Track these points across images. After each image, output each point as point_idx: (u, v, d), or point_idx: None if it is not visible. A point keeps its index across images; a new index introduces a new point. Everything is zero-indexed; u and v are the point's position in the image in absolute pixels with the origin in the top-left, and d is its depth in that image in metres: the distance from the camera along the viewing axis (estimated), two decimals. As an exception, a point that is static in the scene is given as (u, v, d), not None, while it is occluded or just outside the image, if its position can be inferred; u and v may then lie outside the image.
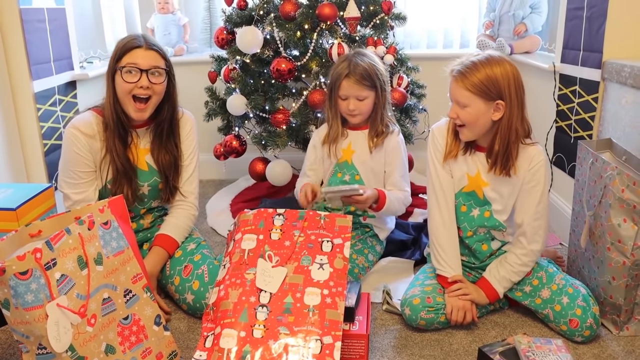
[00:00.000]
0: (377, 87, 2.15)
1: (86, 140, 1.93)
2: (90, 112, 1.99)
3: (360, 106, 2.15)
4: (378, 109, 2.20)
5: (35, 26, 2.43)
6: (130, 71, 1.89)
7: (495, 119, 1.80)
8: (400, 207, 2.23)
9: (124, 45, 1.91)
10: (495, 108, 1.78)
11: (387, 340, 1.84)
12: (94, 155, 1.96)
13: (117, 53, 1.91)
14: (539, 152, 1.86)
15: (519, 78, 1.78)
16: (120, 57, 1.90)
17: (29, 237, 1.48)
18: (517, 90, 1.77)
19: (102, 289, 1.47)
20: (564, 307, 1.80)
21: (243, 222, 1.79)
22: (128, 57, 1.89)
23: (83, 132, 1.93)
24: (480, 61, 1.77)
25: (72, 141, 1.93)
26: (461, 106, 1.80)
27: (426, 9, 3.47)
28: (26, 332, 1.35)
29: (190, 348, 1.80)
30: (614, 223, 1.77)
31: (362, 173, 2.24)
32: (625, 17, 2.14)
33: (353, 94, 2.14)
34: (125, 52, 1.90)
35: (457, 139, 1.92)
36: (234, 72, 2.76)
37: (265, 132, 2.78)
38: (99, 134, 1.96)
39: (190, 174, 2.12)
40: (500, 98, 1.76)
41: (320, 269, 1.67)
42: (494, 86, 1.75)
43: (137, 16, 3.59)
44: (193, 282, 1.94)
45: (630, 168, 1.82)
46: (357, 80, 2.11)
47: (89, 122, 1.95)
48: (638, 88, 1.97)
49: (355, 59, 2.15)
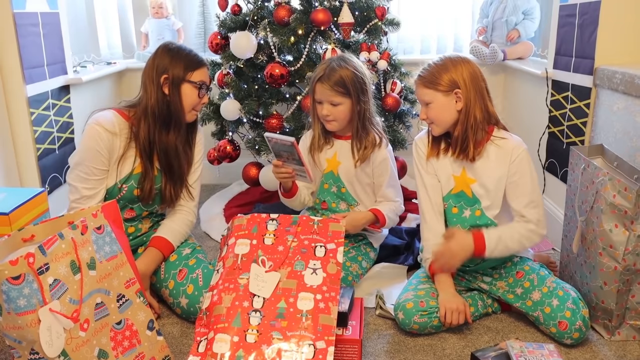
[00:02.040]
0: (351, 95, 2.11)
1: (108, 137, 1.95)
2: (111, 111, 2.02)
3: (334, 112, 2.13)
4: (358, 118, 2.16)
5: (29, 30, 2.42)
6: (201, 88, 2.04)
7: (459, 109, 1.89)
8: (396, 219, 2.29)
9: (195, 60, 2.03)
10: (457, 99, 1.88)
11: (380, 345, 1.84)
12: (111, 155, 1.98)
13: (189, 65, 2.01)
14: (518, 144, 1.93)
15: (472, 67, 1.91)
16: (192, 70, 2.01)
17: (22, 241, 1.48)
18: (472, 79, 1.89)
19: (95, 294, 1.47)
20: (553, 309, 1.81)
21: (236, 227, 1.79)
22: (200, 74, 2.04)
23: (107, 129, 1.95)
24: (436, 62, 1.94)
25: (94, 138, 1.94)
26: (426, 105, 1.92)
27: (420, 14, 3.48)
28: (18, 337, 1.34)
29: (183, 353, 1.80)
30: (605, 228, 1.78)
31: (348, 185, 2.25)
32: (617, 24, 2.16)
33: (326, 99, 2.12)
34: (197, 67, 2.03)
35: (436, 140, 2.02)
36: (228, 77, 2.77)
37: (258, 137, 2.78)
38: (121, 134, 1.99)
39: (195, 179, 2.18)
40: (456, 87, 1.87)
41: (313, 274, 1.67)
42: (448, 77, 1.88)
43: (131, 21, 3.58)
44: (187, 286, 1.95)
45: (622, 174, 1.83)
46: (329, 86, 2.09)
47: (111, 121, 1.97)
48: (629, 94, 1.99)
49: (333, 63, 2.12)
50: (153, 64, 2.01)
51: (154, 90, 1.99)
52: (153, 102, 1.99)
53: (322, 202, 2.29)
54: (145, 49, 3.50)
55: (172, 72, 1.99)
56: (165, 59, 2.00)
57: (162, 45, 2.06)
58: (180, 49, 2.04)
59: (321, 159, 2.25)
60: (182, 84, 2.00)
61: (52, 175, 2.60)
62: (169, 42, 2.07)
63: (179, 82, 2.00)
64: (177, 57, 2.00)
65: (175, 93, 2.00)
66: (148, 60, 2.04)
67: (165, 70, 1.99)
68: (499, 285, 1.98)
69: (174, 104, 2.00)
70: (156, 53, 2.03)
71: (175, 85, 1.99)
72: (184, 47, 2.06)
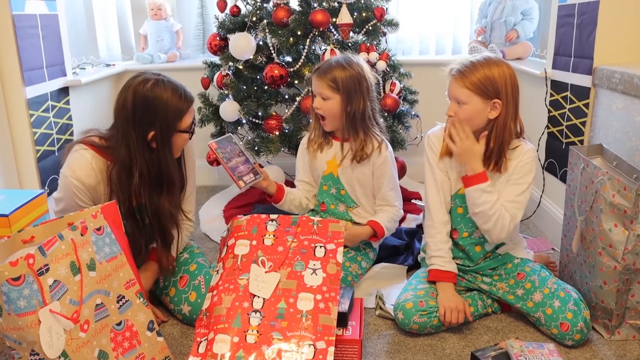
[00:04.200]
0: (341, 92, 2.08)
1: (89, 191, 1.80)
2: (87, 151, 1.79)
3: (323, 106, 2.12)
4: (347, 118, 2.13)
5: (28, 32, 2.42)
6: (192, 129, 1.86)
7: (491, 118, 1.85)
8: (394, 227, 2.28)
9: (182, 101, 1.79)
10: (492, 107, 1.84)
11: (380, 346, 1.84)
12: (96, 201, 1.82)
13: (177, 113, 1.78)
14: (529, 149, 1.92)
15: (515, 79, 1.85)
16: (182, 116, 1.79)
17: (22, 243, 1.48)
18: (513, 91, 1.84)
19: (95, 295, 1.47)
20: (555, 311, 1.81)
21: (236, 227, 1.79)
22: (189, 116, 1.82)
23: (85, 184, 1.78)
24: (479, 61, 1.85)
25: (74, 193, 1.78)
26: (460, 104, 1.86)
27: (418, 15, 3.48)
28: (19, 338, 1.34)
29: (183, 354, 1.79)
30: (605, 228, 1.78)
31: (347, 187, 2.24)
32: (616, 23, 2.16)
33: (317, 91, 2.13)
34: (187, 110, 1.81)
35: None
36: (227, 79, 2.77)
37: (258, 138, 2.78)
38: (102, 181, 1.80)
39: (190, 192, 2.06)
40: (497, 97, 1.82)
41: (313, 274, 1.67)
42: (492, 85, 1.82)
43: (130, 22, 3.59)
44: (190, 293, 1.92)
45: (621, 173, 1.83)
46: (320, 77, 2.10)
47: (90, 168, 1.78)
48: (628, 94, 1.99)
49: (334, 59, 2.15)
50: (133, 113, 1.73)
51: (139, 147, 1.74)
52: (140, 162, 1.75)
53: (321, 204, 2.28)
54: (144, 51, 3.50)
55: (160, 127, 1.74)
56: (149, 109, 1.73)
57: (139, 85, 1.74)
58: (163, 90, 1.75)
59: (321, 160, 2.25)
60: (173, 136, 1.79)
61: (52, 177, 2.60)
62: (145, 79, 1.75)
63: (170, 136, 1.78)
64: (162, 105, 1.74)
65: (166, 149, 1.78)
66: (124, 103, 1.75)
67: (151, 124, 1.74)
68: (499, 286, 1.98)
69: (165, 162, 1.79)
70: (134, 97, 1.73)
71: (165, 140, 1.77)
72: (165, 85, 1.76)
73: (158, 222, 1.88)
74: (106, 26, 3.51)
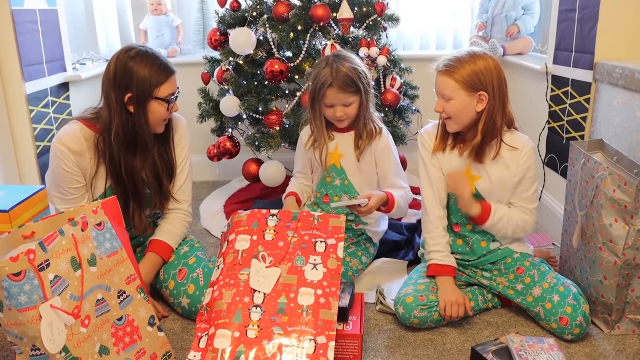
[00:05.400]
0: (361, 90, 2.11)
1: (74, 157, 1.86)
2: (76, 123, 1.89)
3: (347, 111, 2.13)
4: (361, 111, 2.16)
5: (27, 27, 2.42)
6: (170, 101, 1.90)
7: (478, 110, 1.86)
8: (405, 207, 2.23)
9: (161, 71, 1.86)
10: (478, 100, 1.85)
11: (381, 340, 1.85)
12: (83, 172, 1.90)
13: (155, 80, 1.84)
14: (525, 143, 1.94)
15: (500, 71, 1.86)
16: (159, 84, 1.86)
17: (22, 238, 1.48)
18: (499, 83, 1.85)
19: (96, 290, 1.47)
20: (554, 305, 1.81)
21: (237, 222, 1.79)
22: (168, 87, 1.88)
23: (70, 149, 1.85)
24: (464, 56, 1.86)
25: (59, 157, 1.86)
26: (446, 99, 1.88)
27: (419, 10, 3.48)
28: (20, 334, 1.35)
29: (184, 349, 1.80)
30: (605, 223, 1.78)
31: (351, 177, 2.24)
32: (617, 18, 2.16)
33: (339, 102, 2.11)
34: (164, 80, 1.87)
35: (445, 134, 1.99)
36: (227, 74, 2.77)
37: (258, 133, 2.78)
38: (88, 150, 1.89)
39: (184, 181, 2.08)
40: (483, 89, 1.83)
41: (313, 269, 1.67)
42: (478, 78, 1.83)
43: (130, 17, 3.58)
44: (188, 285, 1.93)
45: (622, 168, 1.83)
46: (341, 88, 2.07)
47: (76, 137, 1.86)
48: (629, 89, 1.99)
49: (336, 64, 2.09)
50: (114, 77, 1.83)
51: (117, 108, 1.84)
52: (117, 122, 1.84)
53: (324, 196, 2.28)
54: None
55: (137, 90, 1.82)
56: (127, 73, 1.82)
57: (122, 52, 1.86)
58: (144, 58, 1.84)
59: (324, 156, 2.24)
60: (149, 102, 1.85)
61: (52, 172, 2.59)
62: (129, 48, 1.87)
63: (145, 101, 1.85)
64: (140, 70, 1.82)
65: (141, 113, 1.85)
66: (108, 68, 1.86)
67: (127, 87, 1.82)
68: (499, 280, 1.98)
69: (140, 126, 1.86)
70: (116, 63, 1.84)
71: (140, 104, 1.84)
72: (147, 55, 1.86)
73: (133, 183, 1.94)
74: (106, 21, 3.50)
